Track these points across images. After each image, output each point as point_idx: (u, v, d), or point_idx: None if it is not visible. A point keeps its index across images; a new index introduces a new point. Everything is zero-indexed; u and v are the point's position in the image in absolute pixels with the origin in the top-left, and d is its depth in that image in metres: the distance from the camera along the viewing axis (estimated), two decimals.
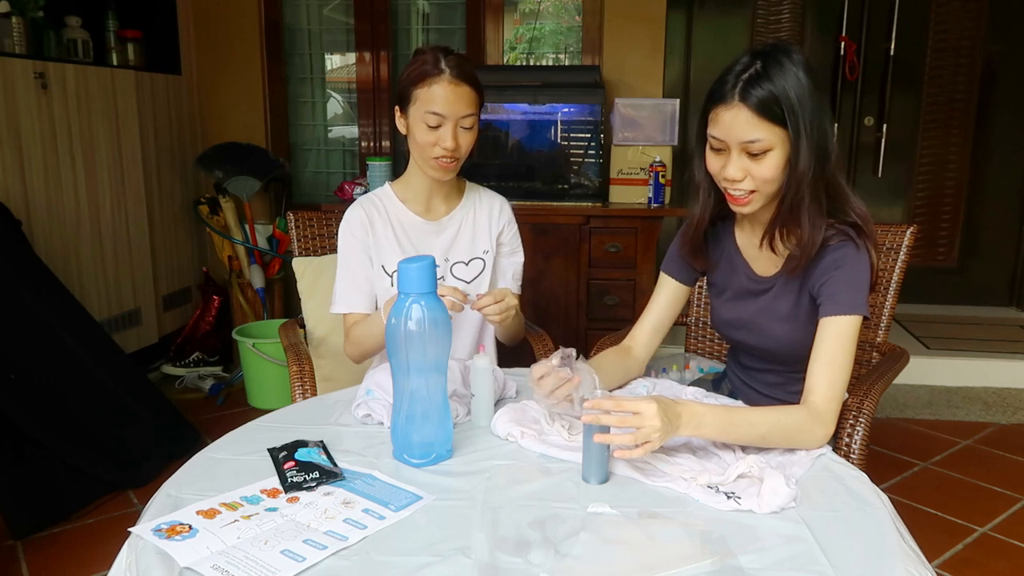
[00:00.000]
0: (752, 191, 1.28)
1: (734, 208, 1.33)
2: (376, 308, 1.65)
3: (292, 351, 1.72)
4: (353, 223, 1.66)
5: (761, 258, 1.42)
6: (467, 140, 1.58)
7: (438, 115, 1.52)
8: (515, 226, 1.79)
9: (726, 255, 1.47)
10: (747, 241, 1.45)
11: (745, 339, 1.49)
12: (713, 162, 1.30)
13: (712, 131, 1.27)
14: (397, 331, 1.11)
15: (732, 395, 1.64)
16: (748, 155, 1.24)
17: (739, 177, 1.26)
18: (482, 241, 1.72)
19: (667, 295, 1.53)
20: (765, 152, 1.23)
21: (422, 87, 1.53)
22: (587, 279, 2.96)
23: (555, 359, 1.20)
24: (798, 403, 1.25)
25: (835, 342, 1.25)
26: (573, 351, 1.22)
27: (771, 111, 1.20)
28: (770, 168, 1.24)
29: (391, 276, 1.65)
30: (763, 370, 1.54)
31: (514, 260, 1.78)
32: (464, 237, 1.71)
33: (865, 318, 1.27)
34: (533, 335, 1.86)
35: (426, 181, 1.65)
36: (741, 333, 1.49)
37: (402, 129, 1.62)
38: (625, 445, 1.05)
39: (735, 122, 1.22)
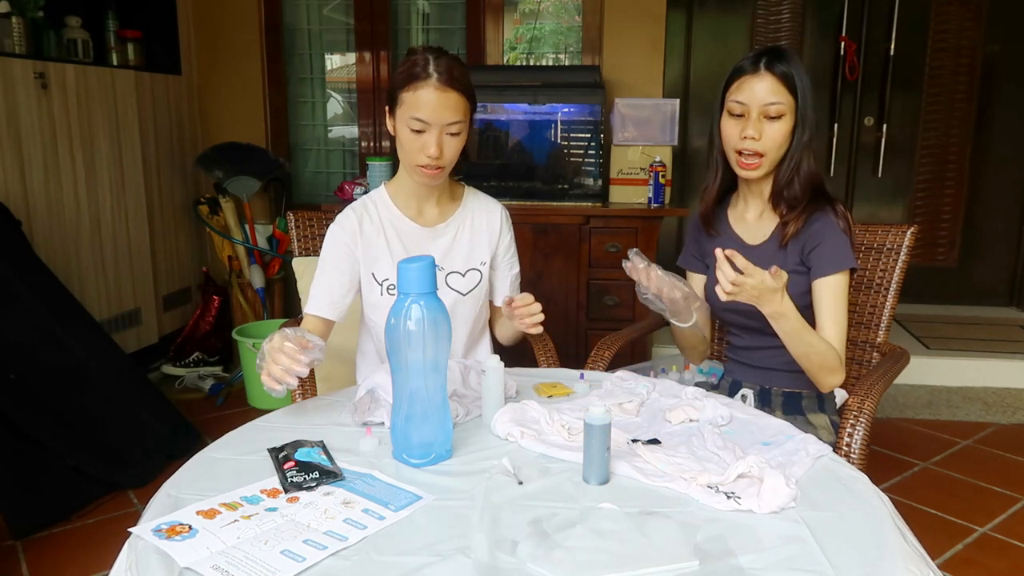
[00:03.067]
0: (761, 155, 1.52)
1: (743, 174, 1.57)
2: (339, 315, 1.60)
3: None
4: (341, 228, 1.61)
5: (751, 229, 1.65)
6: (453, 148, 1.51)
7: (422, 121, 1.47)
8: (512, 235, 1.75)
9: (720, 230, 1.70)
10: (738, 215, 1.68)
11: (736, 304, 1.58)
12: (732, 128, 1.54)
13: (736, 97, 1.52)
14: (397, 331, 1.11)
15: (732, 388, 1.71)
16: (765, 119, 1.50)
17: (756, 136, 1.50)
18: (480, 252, 1.67)
19: (695, 285, 1.78)
20: (780, 116, 1.50)
21: (408, 91, 1.47)
22: (587, 279, 2.96)
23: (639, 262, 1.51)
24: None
25: (833, 298, 1.51)
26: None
27: (789, 81, 1.49)
28: (781, 132, 1.51)
29: (381, 284, 1.61)
30: (755, 347, 1.66)
31: (513, 273, 1.75)
32: (461, 246, 1.66)
33: (853, 270, 1.54)
34: (533, 335, 1.86)
35: (416, 185, 1.61)
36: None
37: (391, 130, 1.57)
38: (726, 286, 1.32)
39: (760, 87, 1.49)
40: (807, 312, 1.57)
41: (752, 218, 1.66)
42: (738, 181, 1.65)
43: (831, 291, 1.52)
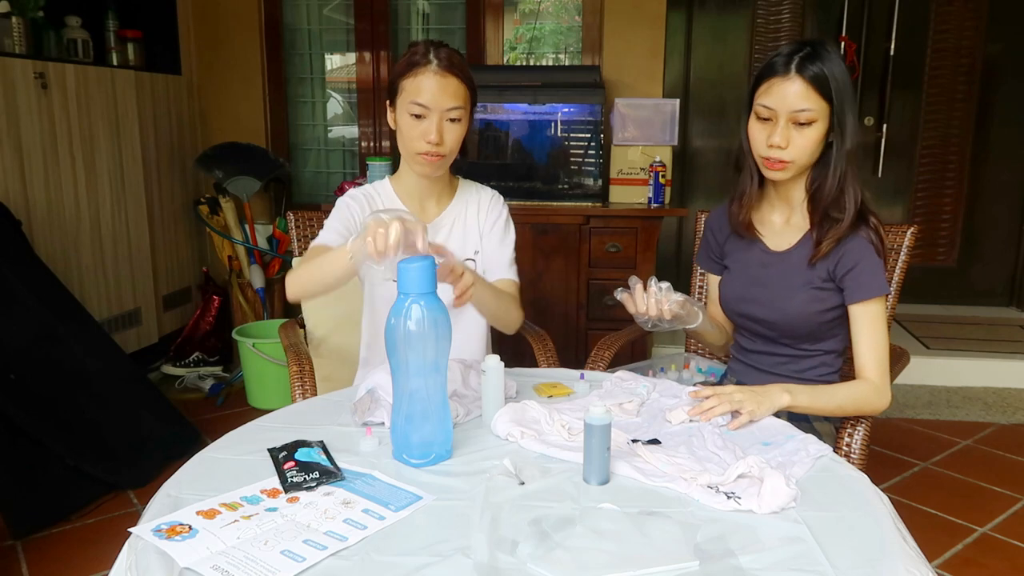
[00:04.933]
0: (788, 161, 1.42)
1: (769, 175, 1.47)
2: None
3: (292, 351, 1.72)
4: (352, 198, 1.62)
5: (776, 235, 1.56)
6: (453, 134, 1.53)
7: (422, 106, 1.50)
8: (505, 215, 1.70)
9: (741, 232, 1.60)
10: (762, 218, 1.58)
11: (752, 311, 1.57)
12: (759, 133, 1.44)
13: (764, 101, 1.41)
14: (397, 331, 1.11)
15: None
16: (795, 125, 1.39)
17: (783, 144, 1.40)
18: (472, 241, 1.67)
19: (711, 285, 1.74)
20: (811, 123, 1.39)
21: (409, 78, 1.51)
22: (587, 279, 2.96)
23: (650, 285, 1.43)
24: (802, 382, 1.47)
25: (870, 324, 1.44)
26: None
27: (823, 85, 1.37)
28: (811, 139, 1.40)
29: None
30: (765, 352, 1.60)
31: (505, 247, 1.69)
32: (454, 240, 1.66)
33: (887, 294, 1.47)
34: (533, 335, 1.86)
35: (417, 179, 1.62)
36: (749, 305, 1.57)
37: (392, 124, 1.59)
38: (709, 407, 1.28)
39: (789, 92, 1.38)
40: (825, 327, 1.51)
41: (779, 222, 1.56)
42: (764, 181, 1.54)
43: (869, 317, 1.44)
